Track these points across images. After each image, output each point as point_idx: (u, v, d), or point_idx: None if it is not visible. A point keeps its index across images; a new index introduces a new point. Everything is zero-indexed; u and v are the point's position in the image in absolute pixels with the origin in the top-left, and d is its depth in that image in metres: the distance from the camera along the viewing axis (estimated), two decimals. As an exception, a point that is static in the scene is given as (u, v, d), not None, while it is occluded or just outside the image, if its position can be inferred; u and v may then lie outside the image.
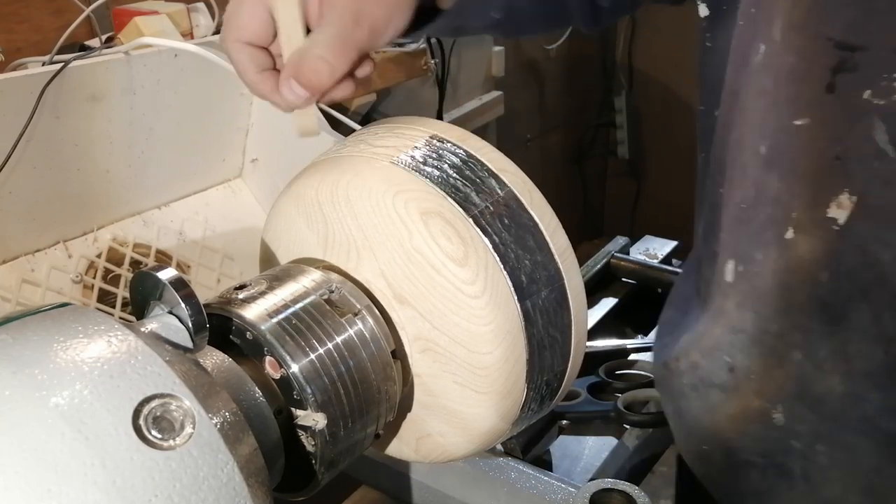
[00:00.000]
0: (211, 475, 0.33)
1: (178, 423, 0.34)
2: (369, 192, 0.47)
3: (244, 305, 0.45)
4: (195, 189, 0.85)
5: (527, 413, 0.50)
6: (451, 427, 0.50)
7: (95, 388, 0.33)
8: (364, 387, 0.46)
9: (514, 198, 0.48)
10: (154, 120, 0.77)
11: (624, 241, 1.10)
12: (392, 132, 0.50)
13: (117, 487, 0.31)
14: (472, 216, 0.46)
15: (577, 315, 0.50)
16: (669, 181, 2.60)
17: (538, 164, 2.42)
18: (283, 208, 0.53)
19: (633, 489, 0.54)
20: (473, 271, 0.45)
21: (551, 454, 0.76)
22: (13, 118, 0.65)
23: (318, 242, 0.51)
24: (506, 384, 0.47)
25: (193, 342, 0.40)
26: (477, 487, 0.61)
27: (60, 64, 0.67)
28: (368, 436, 0.48)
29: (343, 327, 0.46)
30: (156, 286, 0.40)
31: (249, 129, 0.87)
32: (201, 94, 0.80)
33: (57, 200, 0.72)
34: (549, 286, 0.48)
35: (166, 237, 0.80)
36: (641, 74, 2.54)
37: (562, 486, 0.59)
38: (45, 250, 0.72)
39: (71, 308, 0.37)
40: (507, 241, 0.46)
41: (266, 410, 0.43)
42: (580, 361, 0.51)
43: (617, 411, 0.77)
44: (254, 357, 0.44)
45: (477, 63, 1.66)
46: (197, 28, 0.99)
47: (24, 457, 0.30)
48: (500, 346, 0.46)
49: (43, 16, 1.01)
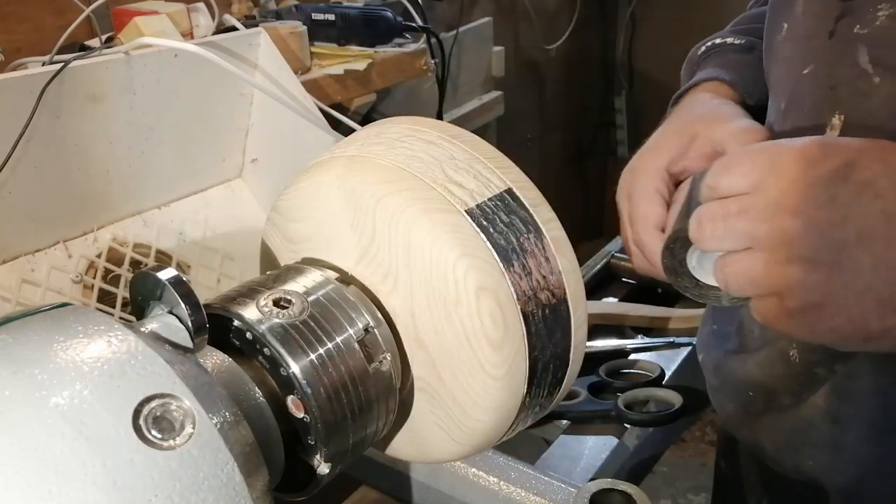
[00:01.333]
0: (211, 475, 0.33)
1: (178, 423, 0.34)
2: (433, 242, 0.45)
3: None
4: (195, 189, 0.85)
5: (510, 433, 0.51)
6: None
7: (95, 388, 0.33)
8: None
9: (562, 287, 0.47)
10: (154, 120, 0.77)
11: (624, 241, 1.10)
12: (471, 166, 0.48)
13: (117, 487, 0.31)
14: (521, 302, 0.45)
15: (575, 356, 0.50)
16: (669, 181, 2.60)
17: (538, 164, 2.42)
18: (330, 190, 0.49)
19: (633, 489, 0.54)
20: (503, 357, 0.45)
21: (551, 454, 0.76)
22: (13, 118, 0.65)
23: (355, 247, 0.48)
24: (484, 442, 0.49)
25: (193, 342, 0.40)
26: (476, 488, 0.61)
27: (60, 64, 0.67)
28: (369, 436, 0.48)
29: (364, 366, 0.46)
30: (156, 286, 0.40)
31: (249, 129, 0.87)
32: (201, 94, 0.80)
33: (57, 200, 0.71)
34: (556, 361, 0.48)
35: (166, 237, 0.80)
36: (641, 74, 2.54)
37: (562, 486, 0.59)
38: (45, 250, 0.72)
39: (71, 308, 0.37)
40: (541, 331, 0.46)
41: (266, 410, 0.43)
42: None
43: (617, 411, 0.77)
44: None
45: (477, 63, 1.66)
46: (197, 28, 0.99)
47: (24, 457, 0.30)
48: (494, 418, 0.47)
49: (43, 16, 1.01)
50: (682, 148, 0.59)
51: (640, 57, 2.52)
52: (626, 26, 2.49)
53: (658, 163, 0.60)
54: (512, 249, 0.46)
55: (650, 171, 0.60)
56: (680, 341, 0.91)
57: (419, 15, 1.23)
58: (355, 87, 1.08)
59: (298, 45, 1.00)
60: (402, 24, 1.14)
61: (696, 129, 0.60)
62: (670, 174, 0.60)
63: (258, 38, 0.83)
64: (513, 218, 0.47)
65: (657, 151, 0.61)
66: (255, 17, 1.10)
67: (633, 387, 0.82)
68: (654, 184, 0.59)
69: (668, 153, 0.60)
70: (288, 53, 0.96)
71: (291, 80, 0.83)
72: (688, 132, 0.60)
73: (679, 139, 0.60)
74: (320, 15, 1.09)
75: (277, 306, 0.45)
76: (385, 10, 1.13)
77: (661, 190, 0.59)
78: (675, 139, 0.60)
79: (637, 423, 0.77)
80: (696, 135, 0.59)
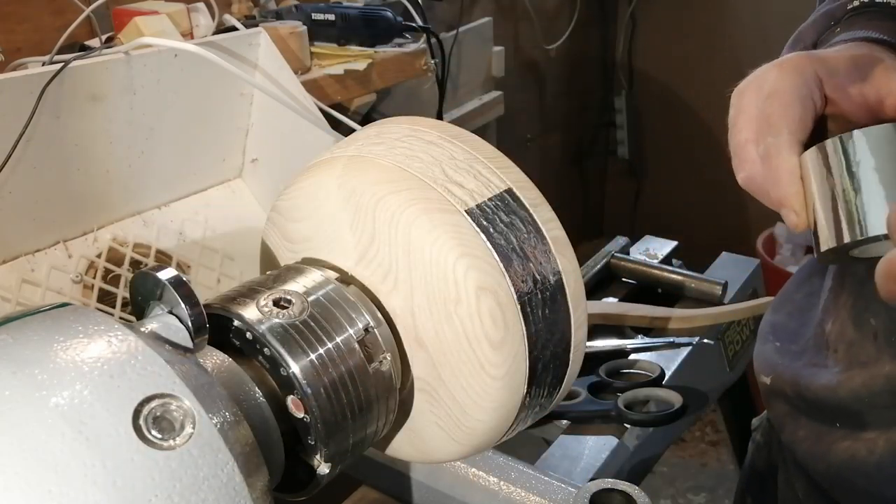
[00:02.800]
0: (211, 475, 0.33)
1: (179, 423, 0.34)
2: (433, 242, 0.45)
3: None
4: (195, 189, 0.85)
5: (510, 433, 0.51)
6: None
7: (95, 388, 0.33)
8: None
9: (562, 288, 0.47)
10: (154, 120, 0.77)
11: (624, 241, 1.10)
12: (471, 165, 0.48)
13: (117, 488, 0.31)
14: (521, 303, 0.45)
15: (575, 355, 0.50)
16: (669, 181, 2.60)
17: (538, 164, 2.42)
18: (329, 190, 0.49)
19: (633, 489, 0.54)
20: (503, 357, 0.45)
21: (551, 454, 0.76)
22: (13, 118, 0.65)
23: (355, 247, 0.48)
24: (484, 442, 0.49)
25: (193, 342, 0.40)
26: (476, 488, 0.61)
27: (60, 64, 0.67)
28: (369, 436, 0.48)
29: (364, 366, 0.46)
30: (156, 286, 0.40)
31: (249, 129, 0.87)
32: (201, 94, 0.80)
33: (57, 200, 0.71)
34: (556, 361, 0.48)
35: (166, 237, 0.80)
36: (641, 74, 2.54)
37: (562, 486, 0.59)
38: (45, 250, 0.72)
39: (71, 308, 0.37)
40: (541, 331, 0.46)
41: (266, 410, 0.43)
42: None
43: (617, 411, 0.77)
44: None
45: (477, 63, 1.66)
46: (197, 28, 0.99)
47: (25, 457, 0.30)
48: (494, 418, 0.47)
49: (43, 16, 1.01)
50: (854, 73, 0.48)
51: (640, 57, 2.52)
52: (626, 26, 2.48)
53: (820, 71, 0.48)
54: (512, 249, 0.46)
55: (808, 74, 0.48)
56: (680, 341, 0.91)
57: (419, 15, 1.23)
58: (355, 87, 1.08)
59: (298, 45, 1.00)
60: (402, 24, 1.14)
61: (883, 59, 0.48)
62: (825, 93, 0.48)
63: (258, 38, 0.83)
64: (513, 218, 0.47)
65: (823, 60, 0.49)
66: (255, 17, 1.10)
67: (633, 387, 0.82)
68: (810, 89, 0.47)
69: (834, 67, 0.48)
70: (288, 53, 0.96)
71: (291, 80, 0.83)
72: (871, 56, 0.48)
73: (855, 61, 0.48)
74: (320, 15, 1.09)
75: (277, 306, 0.45)
76: (385, 10, 1.13)
77: (816, 101, 0.48)
78: (850, 61, 0.49)
79: (637, 423, 0.77)
80: (879, 62, 0.48)
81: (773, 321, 0.72)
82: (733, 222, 2.42)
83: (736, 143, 0.49)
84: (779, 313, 0.72)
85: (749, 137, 0.48)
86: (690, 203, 2.53)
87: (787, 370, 0.66)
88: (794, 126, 0.46)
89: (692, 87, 2.41)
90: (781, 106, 0.47)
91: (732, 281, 1.02)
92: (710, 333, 0.94)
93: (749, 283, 1.06)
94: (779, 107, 0.47)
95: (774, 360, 0.68)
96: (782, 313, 0.71)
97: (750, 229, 2.32)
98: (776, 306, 0.73)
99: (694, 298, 1.01)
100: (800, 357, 0.65)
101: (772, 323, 0.72)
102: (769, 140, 0.47)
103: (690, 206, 2.52)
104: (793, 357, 0.66)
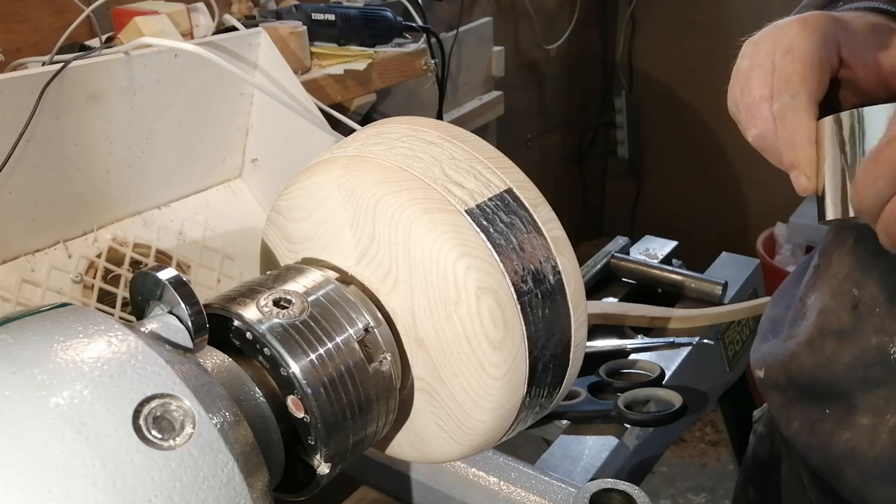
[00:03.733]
0: (211, 475, 0.33)
1: (179, 423, 0.34)
2: (433, 242, 0.45)
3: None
4: (195, 189, 0.85)
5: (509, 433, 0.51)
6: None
7: (95, 388, 0.33)
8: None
9: (562, 288, 0.47)
10: (154, 120, 0.77)
11: (624, 241, 1.10)
12: (471, 165, 0.48)
13: (118, 488, 0.31)
14: (521, 302, 0.45)
15: (575, 355, 0.50)
16: (669, 181, 2.60)
17: (538, 164, 2.42)
18: (329, 190, 0.49)
19: (633, 489, 0.54)
20: (503, 357, 0.45)
21: (551, 454, 0.76)
22: (13, 118, 0.65)
23: (355, 247, 0.48)
24: (484, 442, 0.49)
25: (193, 342, 0.40)
26: (476, 488, 0.61)
27: (60, 64, 0.67)
28: (369, 436, 0.48)
29: (364, 366, 0.46)
30: (156, 286, 0.40)
31: (249, 129, 0.87)
32: (201, 94, 0.80)
33: (57, 200, 0.71)
34: (556, 361, 0.48)
35: (166, 237, 0.80)
36: (641, 74, 2.54)
37: (562, 486, 0.59)
38: (45, 250, 0.72)
39: (71, 308, 0.37)
40: (541, 331, 0.46)
41: (266, 410, 0.43)
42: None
43: (617, 411, 0.77)
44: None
45: (477, 63, 1.66)
46: (197, 28, 0.99)
47: (25, 457, 0.30)
48: (494, 418, 0.47)
49: (43, 16, 1.01)
50: (872, 39, 0.47)
51: (640, 57, 2.52)
52: (626, 26, 2.48)
53: (840, 34, 0.47)
54: (512, 249, 0.46)
55: (829, 35, 0.46)
56: (680, 341, 0.91)
57: (419, 15, 1.23)
58: (355, 87, 1.07)
59: (298, 45, 1.00)
60: (402, 24, 1.14)
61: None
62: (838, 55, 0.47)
63: (258, 38, 0.83)
64: (513, 218, 0.47)
65: (843, 23, 0.47)
66: (255, 17, 1.10)
67: (633, 387, 0.81)
68: (829, 50, 0.46)
69: (853, 30, 0.47)
70: (288, 53, 0.96)
71: (291, 80, 0.83)
72: (888, 26, 0.48)
73: (875, 28, 0.47)
74: (320, 15, 1.09)
75: (277, 306, 0.45)
76: (385, 10, 1.13)
77: (833, 62, 0.47)
78: (869, 27, 0.48)
79: (637, 423, 0.77)
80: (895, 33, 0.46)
81: (771, 316, 0.72)
82: (733, 222, 2.43)
83: (750, 100, 0.47)
84: (776, 307, 0.72)
85: (763, 94, 0.47)
86: (690, 203, 2.53)
87: (777, 358, 0.66)
88: (812, 87, 0.45)
89: (692, 87, 2.42)
90: (802, 65, 0.45)
91: (732, 281, 1.02)
92: (710, 333, 0.94)
93: (749, 283, 1.06)
94: (800, 66, 0.45)
95: (767, 350, 0.68)
96: (780, 307, 0.72)
97: (750, 229, 2.32)
98: (774, 301, 0.74)
99: (694, 298, 1.01)
100: (787, 340, 0.66)
101: (770, 318, 0.72)
102: (786, 99, 0.45)
103: (690, 206, 2.52)
104: (783, 342, 0.66)
